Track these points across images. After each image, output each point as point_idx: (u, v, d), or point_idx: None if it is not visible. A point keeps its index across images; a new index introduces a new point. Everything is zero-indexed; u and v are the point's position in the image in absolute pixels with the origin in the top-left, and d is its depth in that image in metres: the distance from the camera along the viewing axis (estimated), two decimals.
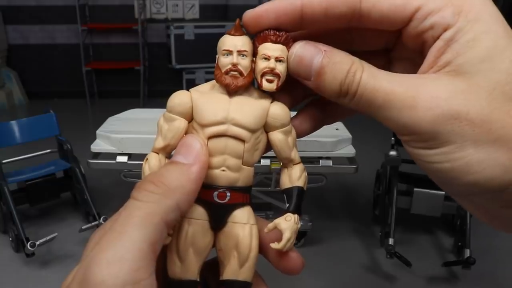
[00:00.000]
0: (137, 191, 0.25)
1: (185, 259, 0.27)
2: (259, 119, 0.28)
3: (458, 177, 0.23)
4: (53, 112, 2.17)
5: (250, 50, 0.28)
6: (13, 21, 4.47)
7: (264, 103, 0.28)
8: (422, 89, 0.23)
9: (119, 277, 0.21)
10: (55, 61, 4.65)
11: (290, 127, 0.29)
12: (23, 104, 4.50)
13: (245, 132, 0.27)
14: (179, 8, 4.66)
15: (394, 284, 1.87)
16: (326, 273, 1.94)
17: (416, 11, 0.24)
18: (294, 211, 0.28)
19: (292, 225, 0.28)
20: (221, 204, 0.28)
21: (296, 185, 0.29)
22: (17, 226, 1.85)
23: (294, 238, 0.28)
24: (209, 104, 0.28)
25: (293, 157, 0.29)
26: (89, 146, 1.71)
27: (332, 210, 2.44)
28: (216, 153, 0.27)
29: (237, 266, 0.28)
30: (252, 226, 0.28)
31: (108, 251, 0.22)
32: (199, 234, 0.28)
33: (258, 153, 0.29)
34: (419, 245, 2.10)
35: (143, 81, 4.52)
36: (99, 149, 1.71)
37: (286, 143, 0.29)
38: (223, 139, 0.27)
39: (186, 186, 0.25)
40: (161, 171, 0.26)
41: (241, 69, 0.27)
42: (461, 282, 1.87)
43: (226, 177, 0.28)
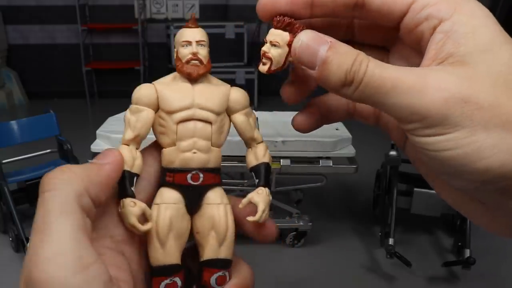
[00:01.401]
0: (44, 183, 0.25)
1: (165, 244, 0.28)
2: (222, 102, 0.30)
3: (470, 163, 0.22)
4: (53, 112, 2.17)
5: (207, 40, 0.30)
6: (13, 21, 4.47)
7: (224, 89, 0.30)
8: (430, 77, 0.23)
9: (66, 269, 0.21)
10: (55, 61, 4.65)
11: (250, 110, 0.31)
12: (23, 104, 4.50)
13: (211, 114, 0.29)
14: (179, 8, 4.66)
15: (394, 284, 1.87)
16: (326, 273, 1.94)
17: (413, 3, 0.25)
18: (264, 185, 0.30)
19: (265, 197, 0.29)
20: (195, 186, 0.29)
21: (262, 161, 0.31)
22: (17, 226, 1.85)
23: (268, 210, 0.29)
24: (174, 92, 0.29)
25: (256, 136, 0.31)
26: (89, 146, 1.71)
27: (332, 210, 2.44)
28: (186, 137, 0.29)
29: (216, 246, 0.29)
30: (226, 206, 0.30)
31: (43, 249, 0.22)
32: (177, 218, 0.29)
33: (224, 135, 0.30)
34: (419, 245, 2.10)
35: (143, 81, 4.52)
36: (99, 149, 1.71)
37: (248, 124, 0.31)
38: (191, 122, 0.29)
39: (94, 177, 0.26)
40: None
41: (201, 57, 0.29)
42: (461, 282, 1.87)
43: (198, 158, 0.29)
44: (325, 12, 0.27)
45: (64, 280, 0.21)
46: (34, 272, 0.22)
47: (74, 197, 0.24)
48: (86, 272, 0.22)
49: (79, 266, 0.22)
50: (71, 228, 0.23)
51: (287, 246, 2.08)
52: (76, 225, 0.23)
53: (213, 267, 0.29)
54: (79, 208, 0.24)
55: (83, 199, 0.24)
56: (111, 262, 0.26)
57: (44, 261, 0.22)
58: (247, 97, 0.31)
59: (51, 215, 0.23)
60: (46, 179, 0.25)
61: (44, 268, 0.21)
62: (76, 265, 0.22)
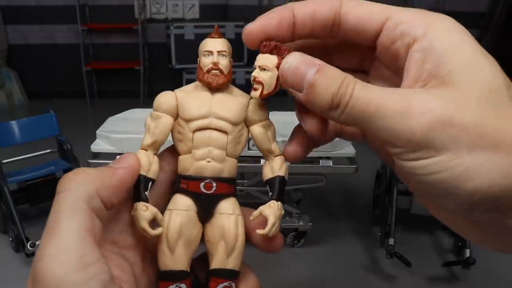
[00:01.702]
0: (59, 184, 0.26)
1: (174, 250, 0.29)
2: (240, 113, 0.30)
3: (458, 186, 0.22)
4: (53, 112, 2.17)
5: (229, 51, 0.30)
6: (13, 21, 4.47)
7: (243, 99, 0.30)
8: (414, 98, 0.23)
9: (67, 266, 0.22)
10: (55, 61, 4.65)
11: (269, 122, 0.31)
12: (23, 104, 4.50)
13: (227, 125, 0.29)
14: (179, 8, 4.66)
15: (394, 284, 1.87)
16: (326, 273, 1.94)
17: (387, 21, 0.25)
18: (277, 199, 0.30)
19: (276, 211, 0.29)
20: (208, 194, 0.29)
21: (277, 174, 0.31)
22: (17, 226, 1.85)
23: (279, 224, 0.29)
24: (193, 100, 0.30)
25: (273, 149, 0.31)
26: (89, 146, 1.71)
27: (332, 210, 2.45)
28: (201, 145, 0.29)
29: (224, 256, 0.29)
30: (237, 217, 0.30)
31: (49, 246, 0.23)
32: (188, 225, 0.29)
33: (240, 146, 0.30)
34: (419, 245, 2.10)
35: (143, 81, 4.52)
36: (99, 149, 1.71)
37: (266, 136, 0.31)
38: (207, 131, 0.29)
39: (107, 180, 0.26)
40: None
41: (222, 67, 0.29)
42: (461, 282, 1.87)
43: (212, 167, 0.29)
44: (306, 33, 0.28)
45: (64, 277, 0.22)
46: (39, 267, 0.23)
47: (84, 198, 0.25)
48: (87, 270, 0.23)
49: (81, 264, 0.23)
50: (77, 227, 0.24)
51: (287, 246, 2.08)
52: (83, 225, 0.24)
53: (220, 276, 0.29)
54: (89, 209, 0.25)
55: (93, 200, 0.25)
56: (115, 264, 0.27)
57: (48, 257, 0.23)
58: (267, 109, 0.31)
59: (61, 215, 0.24)
60: (62, 180, 0.26)
61: (48, 264, 0.23)
62: (78, 263, 0.23)
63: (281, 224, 0.30)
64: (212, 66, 0.29)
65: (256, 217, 0.29)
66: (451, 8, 4.62)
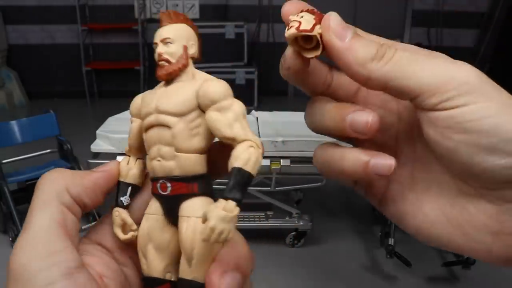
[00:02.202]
0: (36, 184, 0.27)
1: (146, 255, 0.27)
2: (186, 101, 0.26)
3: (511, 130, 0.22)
4: (53, 112, 2.17)
5: (176, 36, 0.28)
6: (13, 21, 4.47)
7: (196, 84, 0.27)
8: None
9: (31, 254, 0.23)
10: (55, 61, 4.65)
11: (229, 103, 0.26)
12: (23, 104, 4.50)
13: (170, 118, 0.26)
14: (179, 8, 4.67)
15: (394, 284, 1.87)
16: (326, 273, 1.94)
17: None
18: (226, 196, 0.23)
19: (219, 213, 0.22)
20: (165, 195, 0.27)
21: (233, 166, 0.24)
22: (17, 226, 1.85)
23: (226, 229, 0.22)
24: (146, 98, 0.28)
25: (233, 135, 0.25)
26: (89, 146, 1.71)
27: (332, 210, 2.45)
28: (151, 144, 0.27)
29: (185, 264, 0.26)
30: (197, 219, 0.25)
31: (21, 240, 0.24)
32: (156, 230, 0.27)
33: (199, 138, 0.26)
34: (419, 245, 2.10)
35: (143, 81, 4.52)
36: (99, 149, 1.71)
37: (220, 121, 0.25)
38: (155, 129, 0.27)
39: (78, 179, 0.27)
40: None
41: (167, 56, 0.27)
42: (461, 282, 1.87)
43: (161, 166, 0.27)
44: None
45: (28, 264, 0.23)
46: (10, 260, 0.24)
47: (54, 194, 0.26)
48: (51, 257, 0.23)
49: (45, 252, 0.23)
50: (47, 221, 0.25)
51: (287, 246, 2.08)
52: (52, 217, 0.25)
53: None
54: (59, 203, 0.26)
55: (63, 196, 0.26)
56: (99, 261, 0.28)
57: (17, 250, 0.24)
58: (220, 89, 0.26)
59: (33, 210, 0.25)
60: (39, 180, 0.27)
61: (16, 255, 0.24)
62: (42, 251, 0.23)
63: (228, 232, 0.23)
64: (158, 58, 0.27)
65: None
66: (451, 8, 4.62)
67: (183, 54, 0.28)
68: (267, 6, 4.58)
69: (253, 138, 0.25)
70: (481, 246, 0.25)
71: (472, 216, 0.25)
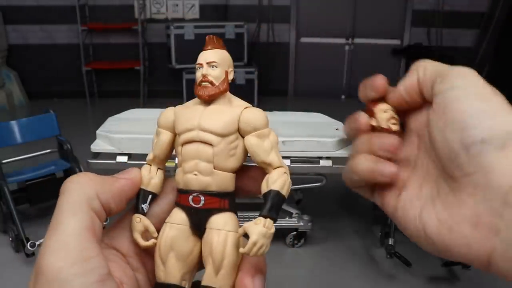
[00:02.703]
0: (63, 186, 0.27)
1: (166, 263, 0.29)
2: (229, 123, 0.29)
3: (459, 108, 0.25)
4: (53, 112, 2.17)
5: (221, 61, 0.30)
6: (13, 21, 4.48)
7: (237, 109, 0.29)
8: None
9: (66, 258, 0.24)
10: (55, 61, 4.65)
11: (267, 131, 0.29)
12: (23, 104, 4.50)
13: (213, 137, 0.29)
14: (179, 8, 4.67)
15: (394, 284, 1.87)
16: (327, 273, 1.94)
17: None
18: (266, 215, 0.27)
19: (260, 229, 0.26)
20: (197, 208, 0.29)
21: (271, 188, 0.28)
22: (17, 226, 1.85)
23: (265, 244, 0.26)
24: (185, 114, 0.30)
25: (269, 161, 0.29)
26: (89, 146, 1.71)
27: (332, 210, 2.45)
28: (188, 158, 0.29)
29: (212, 273, 0.28)
30: (228, 233, 0.28)
31: (51, 242, 0.25)
32: (180, 239, 0.29)
33: (234, 159, 0.29)
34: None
35: (143, 81, 4.52)
36: (99, 149, 1.71)
37: (259, 147, 0.29)
38: (194, 144, 0.29)
39: (107, 186, 0.28)
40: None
41: (211, 79, 0.29)
42: (461, 282, 1.87)
43: (198, 181, 0.29)
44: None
45: (64, 268, 0.24)
46: (40, 260, 0.24)
47: (85, 199, 0.26)
48: (86, 263, 0.24)
49: (80, 257, 0.24)
50: (78, 225, 0.25)
51: (287, 246, 2.08)
52: (83, 223, 0.25)
53: None
54: (89, 209, 0.26)
55: (93, 202, 0.27)
56: (117, 266, 0.28)
57: (49, 252, 0.24)
58: (262, 117, 0.29)
59: (63, 214, 0.26)
60: (65, 182, 0.27)
61: (48, 257, 0.24)
62: (77, 256, 0.24)
63: (269, 244, 0.27)
64: (202, 79, 0.29)
65: (241, 234, 0.27)
66: (451, 8, 4.62)
67: (225, 79, 0.30)
68: (267, 6, 4.59)
69: (285, 166, 0.29)
70: (462, 242, 0.27)
71: (455, 210, 0.27)
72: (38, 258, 0.24)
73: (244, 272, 0.28)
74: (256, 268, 0.28)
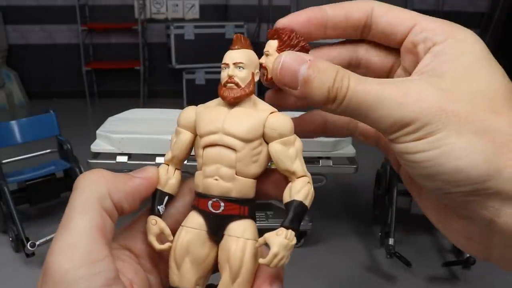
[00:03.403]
0: (76, 182, 0.27)
1: (181, 267, 0.28)
2: (253, 128, 0.28)
3: (443, 163, 0.23)
4: (53, 112, 2.17)
5: (248, 62, 0.28)
6: (13, 21, 4.47)
7: (263, 114, 0.28)
8: (411, 88, 0.25)
9: (74, 260, 0.23)
10: (55, 61, 4.65)
11: (293, 138, 0.28)
12: (23, 104, 4.50)
13: (237, 142, 0.27)
14: (179, 8, 4.66)
15: (394, 284, 1.87)
16: (326, 273, 1.94)
17: (414, 26, 0.27)
18: (288, 226, 0.26)
19: (282, 241, 0.26)
20: (216, 214, 0.28)
21: (294, 198, 0.27)
22: (17, 226, 1.85)
23: (286, 256, 0.26)
24: (208, 115, 0.29)
25: (294, 169, 0.28)
26: (89, 146, 1.71)
27: (332, 210, 2.45)
28: (209, 162, 0.28)
29: (228, 281, 0.27)
30: (246, 241, 0.28)
31: (60, 241, 0.24)
32: (196, 244, 0.28)
33: (257, 165, 0.28)
34: (419, 245, 2.10)
35: (143, 81, 4.52)
36: (99, 149, 1.71)
37: (284, 155, 0.28)
38: (216, 148, 0.28)
39: (121, 185, 0.27)
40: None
41: (237, 80, 0.28)
42: (461, 282, 1.87)
43: (218, 186, 0.28)
44: (337, 33, 0.29)
45: (70, 270, 0.23)
46: (48, 260, 0.24)
47: (97, 197, 0.26)
48: (93, 266, 0.23)
49: (87, 260, 0.23)
50: (88, 225, 0.24)
51: None
52: (93, 223, 0.25)
53: None
54: (101, 208, 0.25)
55: (105, 201, 0.26)
56: (129, 267, 0.28)
57: (56, 251, 0.24)
58: (289, 124, 0.28)
59: (74, 212, 0.25)
60: (78, 179, 0.27)
61: (56, 257, 0.24)
62: (85, 258, 0.23)
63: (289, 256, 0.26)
64: (227, 80, 0.28)
65: (261, 244, 0.27)
66: (451, 8, 4.62)
67: (251, 81, 0.29)
68: (267, 6, 4.59)
69: (308, 175, 0.28)
70: (459, 244, 0.28)
71: (448, 220, 0.27)
72: (47, 257, 0.24)
73: (262, 280, 0.28)
74: (274, 276, 0.28)
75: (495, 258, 0.26)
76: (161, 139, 1.63)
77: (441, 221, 0.28)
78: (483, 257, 0.27)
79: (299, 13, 0.29)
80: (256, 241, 0.28)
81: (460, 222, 0.26)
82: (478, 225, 0.25)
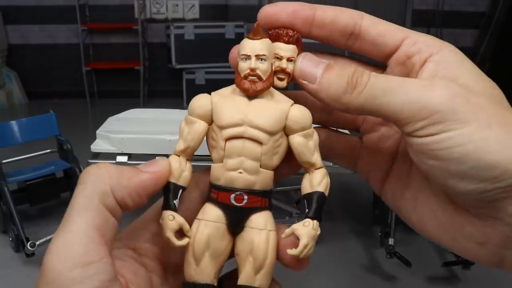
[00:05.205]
0: (80, 176, 0.26)
1: (200, 262, 0.27)
2: (278, 121, 0.27)
3: (480, 158, 0.22)
4: (53, 112, 2.17)
5: (269, 53, 0.28)
6: (13, 21, 4.47)
7: (284, 106, 0.28)
8: (435, 79, 0.25)
9: (67, 261, 0.23)
10: (55, 61, 4.65)
11: (312, 131, 0.28)
12: (23, 104, 4.50)
13: (262, 134, 0.27)
14: (179, 8, 4.66)
15: (394, 284, 1.87)
16: (326, 273, 1.94)
17: (405, 38, 0.27)
18: (313, 217, 0.28)
19: (310, 231, 0.27)
20: (239, 207, 0.28)
21: (316, 190, 0.28)
22: (17, 226, 1.85)
23: (313, 245, 0.27)
24: (228, 106, 0.28)
25: (314, 161, 0.28)
26: (89, 146, 1.71)
27: (332, 210, 2.45)
28: (233, 155, 0.27)
29: (252, 272, 0.27)
30: (269, 232, 0.28)
31: (58, 239, 0.23)
32: (216, 237, 0.28)
33: (277, 157, 0.28)
34: (419, 245, 2.10)
35: (143, 81, 4.52)
36: (99, 149, 1.71)
37: (306, 147, 0.28)
38: (240, 141, 0.27)
39: (125, 181, 0.26)
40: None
41: (260, 73, 0.27)
42: (461, 282, 1.87)
43: (243, 179, 0.27)
44: (322, 35, 0.28)
45: (63, 272, 0.22)
46: (44, 259, 0.23)
47: (98, 194, 0.25)
48: (87, 268, 0.23)
49: (81, 262, 0.23)
50: (86, 224, 0.24)
51: None
52: (92, 222, 0.24)
53: None
54: (102, 206, 0.25)
55: (107, 198, 0.25)
56: (129, 268, 0.27)
57: (53, 251, 0.23)
58: (309, 117, 0.28)
59: (74, 209, 0.24)
60: (83, 172, 0.26)
61: (51, 257, 0.23)
62: (79, 260, 0.23)
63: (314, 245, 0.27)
64: (249, 72, 0.27)
65: (288, 235, 0.27)
66: (451, 8, 4.62)
67: (271, 73, 0.28)
68: None
69: (324, 166, 0.29)
70: (468, 252, 0.26)
71: (460, 226, 0.26)
72: (44, 256, 0.23)
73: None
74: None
75: (509, 263, 0.25)
76: (161, 139, 1.63)
77: (448, 231, 0.27)
78: (496, 262, 0.26)
79: (288, 4, 0.28)
80: (275, 231, 0.28)
81: (476, 225, 0.25)
82: (503, 223, 0.24)
